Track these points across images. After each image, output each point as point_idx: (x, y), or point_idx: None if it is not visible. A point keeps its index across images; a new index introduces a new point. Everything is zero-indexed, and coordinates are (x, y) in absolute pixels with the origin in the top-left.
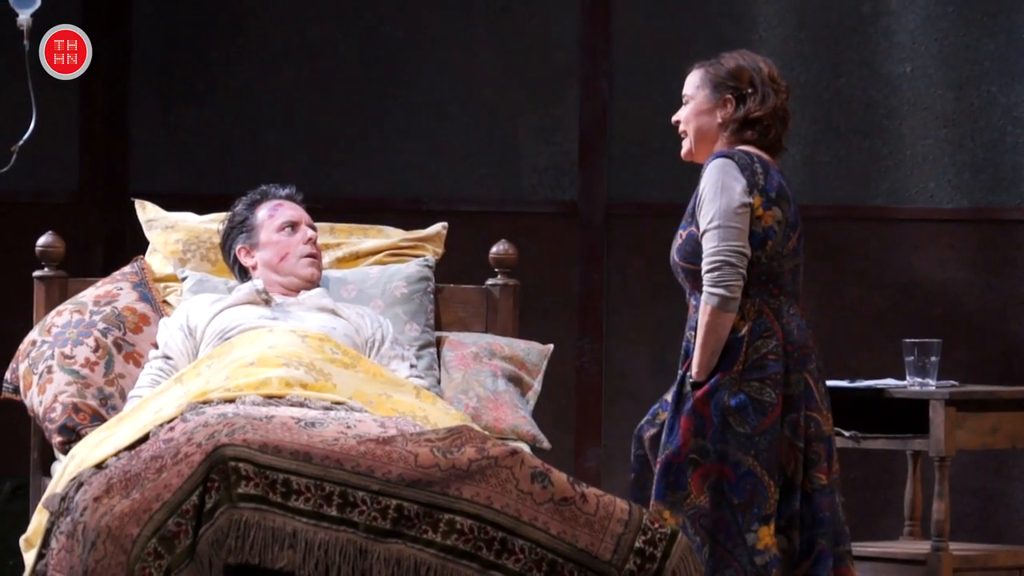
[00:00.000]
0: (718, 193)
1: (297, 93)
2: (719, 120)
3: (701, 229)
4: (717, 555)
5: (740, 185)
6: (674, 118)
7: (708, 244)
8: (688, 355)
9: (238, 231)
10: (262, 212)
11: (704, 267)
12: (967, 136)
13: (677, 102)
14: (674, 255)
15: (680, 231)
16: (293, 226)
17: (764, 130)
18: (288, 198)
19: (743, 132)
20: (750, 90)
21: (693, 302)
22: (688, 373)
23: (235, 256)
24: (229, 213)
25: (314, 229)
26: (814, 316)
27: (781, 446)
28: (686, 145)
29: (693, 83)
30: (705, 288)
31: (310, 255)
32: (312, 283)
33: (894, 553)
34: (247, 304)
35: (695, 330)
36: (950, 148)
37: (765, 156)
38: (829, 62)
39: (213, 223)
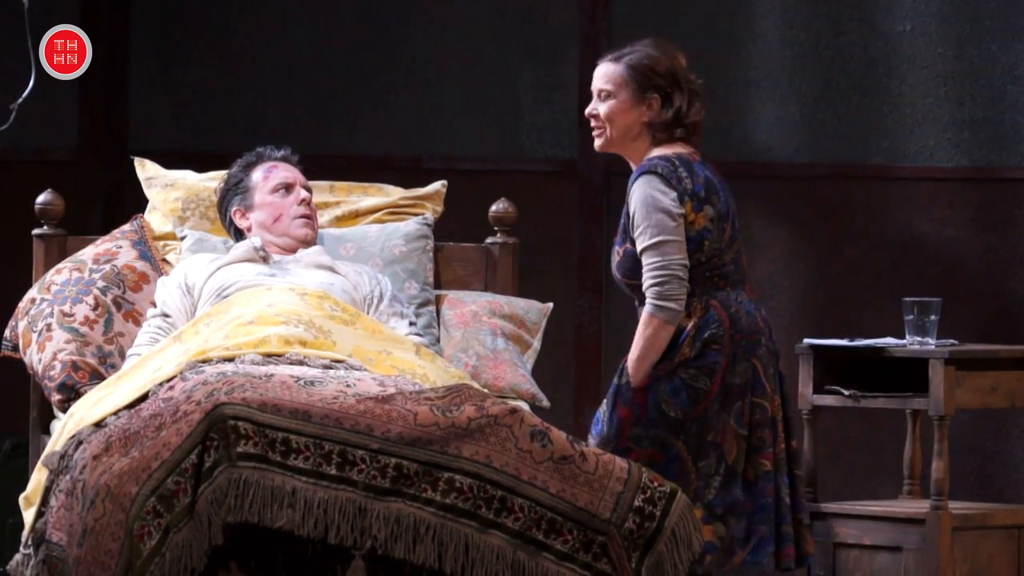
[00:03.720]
0: (651, 210)
1: (297, 51)
2: (645, 120)
3: (639, 247)
4: None
5: (669, 198)
6: (588, 111)
7: (650, 259)
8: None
9: (233, 193)
10: (257, 174)
11: (649, 281)
12: (967, 94)
13: None
14: (615, 272)
15: (616, 248)
16: (287, 187)
17: (693, 126)
18: (283, 160)
19: (672, 130)
20: (673, 88)
21: (640, 313)
22: (626, 366)
23: (231, 218)
24: (225, 175)
25: (308, 190)
26: (813, 274)
27: (723, 435)
28: (602, 140)
29: (612, 79)
30: (651, 301)
31: (304, 216)
32: (307, 243)
33: (893, 512)
34: (245, 261)
35: None
36: (950, 106)
37: (685, 152)
38: (829, 20)
39: (212, 181)
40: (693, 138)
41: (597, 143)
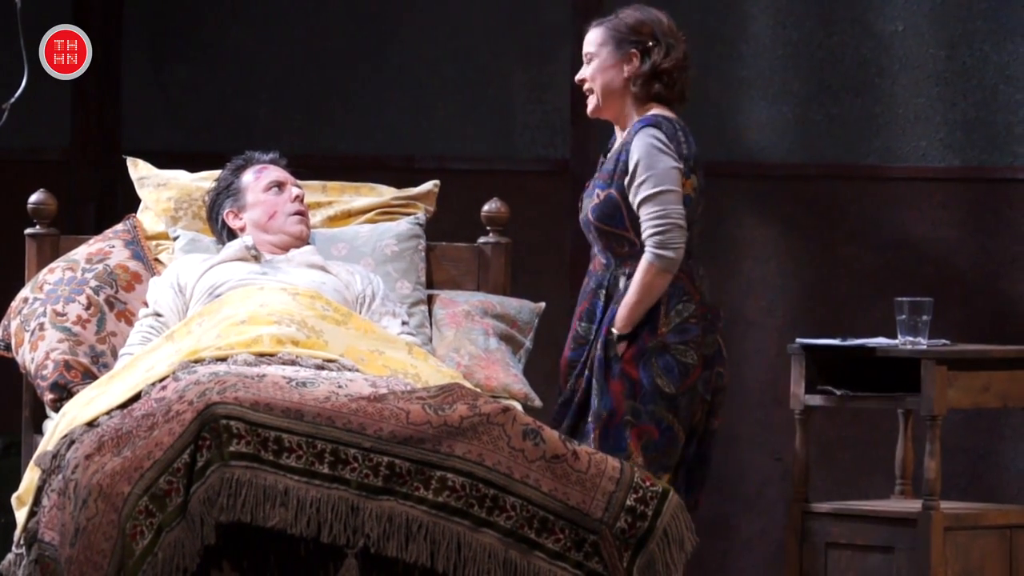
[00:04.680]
0: (654, 160)
1: (289, 51)
2: (625, 75)
3: (639, 196)
4: None
5: (671, 152)
6: (578, 77)
7: (652, 208)
8: (598, 316)
9: (224, 196)
10: (247, 175)
11: (650, 230)
12: (959, 95)
13: None
14: (588, 213)
15: (597, 190)
16: (279, 186)
17: (671, 82)
18: (272, 163)
19: (651, 86)
20: (653, 43)
21: (603, 260)
22: (610, 335)
23: (223, 220)
24: (214, 182)
25: (300, 188)
26: (805, 274)
27: (695, 402)
28: (592, 102)
29: (595, 40)
30: (651, 249)
31: (298, 212)
32: (301, 240)
33: (885, 512)
34: (236, 261)
35: (605, 287)
36: (942, 107)
37: (681, 121)
38: (821, 20)
39: (205, 181)
40: (675, 104)
41: (589, 108)
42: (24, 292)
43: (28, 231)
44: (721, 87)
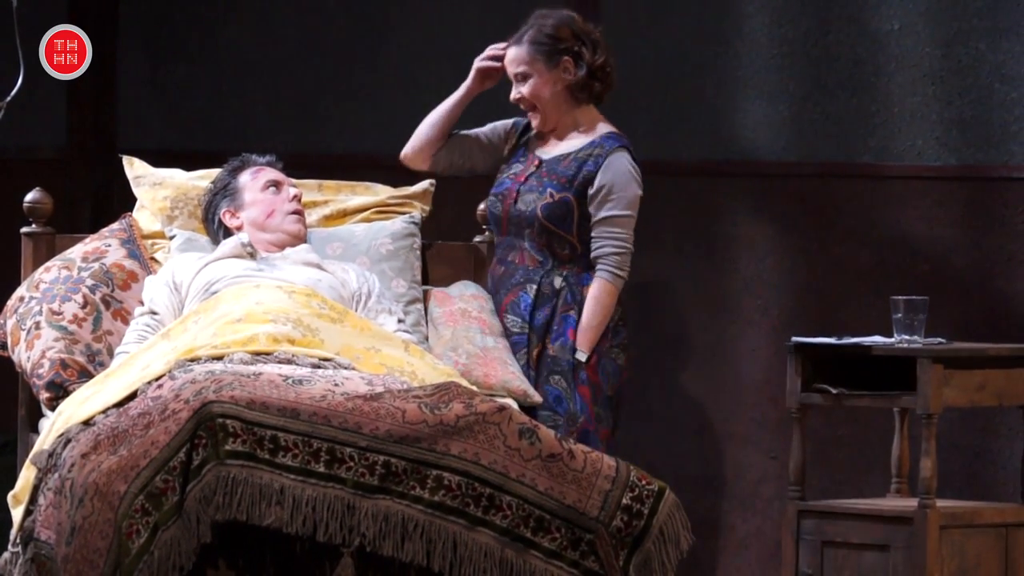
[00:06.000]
0: (629, 183)
1: (285, 50)
2: (566, 84)
3: (604, 212)
4: None
5: (638, 179)
6: (514, 97)
7: (616, 230)
8: (523, 311)
9: (221, 196)
10: (244, 176)
11: (611, 249)
12: (955, 93)
13: (667, 57)
14: (538, 211)
15: (551, 191)
16: (277, 185)
17: (605, 76)
18: (269, 165)
19: (591, 86)
20: (579, 45)
21: (538, 258)
22: (578, 348)
23: (220, 220)
24: (210, 183)
25: (297, 189)
26: (801, 273)
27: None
28: (539, 119)
29: (523, 59)
30: (612, 270)
31: (296, 211)
32: (299, 239)
33: (881, 510)
34: (232, 257)
35: (537, 284)
36: (938, 105)
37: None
38: (817, 19)
39: (201, 180)
40: (604, 96)
41: (535, 124)
42: (20, 291)
43: (24, 230)
44: (716, 86)
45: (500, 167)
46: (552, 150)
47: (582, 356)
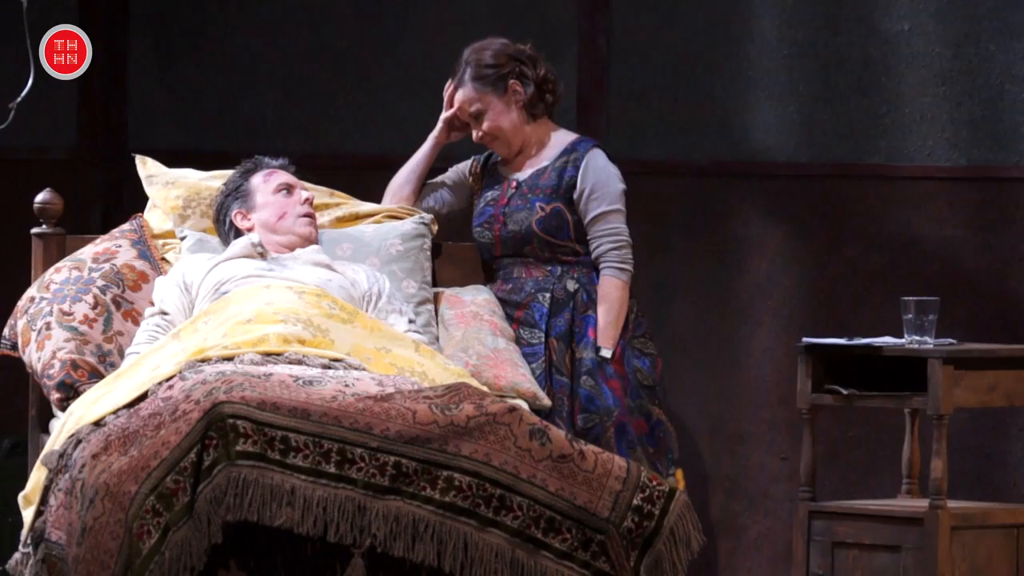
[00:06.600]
0: (611, 179)
1: (296, 50)
2: (520, 106)
3: (593, 211)
4: None
5: (618, 172)
6: (477, 138)
7: (610, 225)
8: (539, 319)
9: (233, 198)
10: (256, 178)
11: (610, 245)
12: (965, 94)
13: (677, 59)
14: (533, 226)
15: (540, 204)
16: (289, 188)
17: (552, 88)
18: (281, 168)
19: (544, 100)
20: (518, 65)
21: (547, 268)
22: (601, 346)
23: (231, 221)
24: (222, 185)
25: (309, 192)
26: (811, 273)
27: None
28: (504, 148)
29: (473, 97)
30: (618, 265)
31: (308, 214)
32: (309, 242)
33: (892, 511)
34: (242, 258)
35: (551, 292)
36: (948, 106)
37: None
38: (827, 19)
39: (213, 180)
40: (555, 106)
41: (502, 154)
42: (30, 291)
43: (34, 230)
44: (727, 87)
45: (474, 201)
46: (527, 170)
47: (607, 353)
